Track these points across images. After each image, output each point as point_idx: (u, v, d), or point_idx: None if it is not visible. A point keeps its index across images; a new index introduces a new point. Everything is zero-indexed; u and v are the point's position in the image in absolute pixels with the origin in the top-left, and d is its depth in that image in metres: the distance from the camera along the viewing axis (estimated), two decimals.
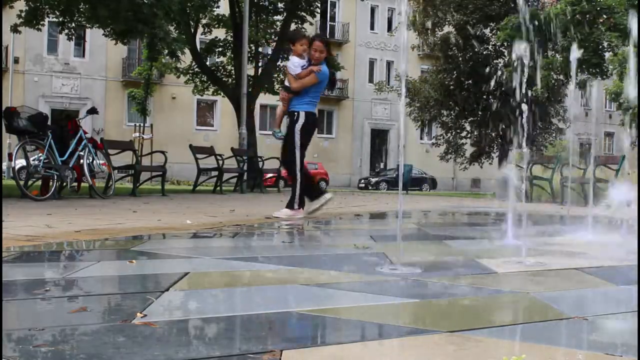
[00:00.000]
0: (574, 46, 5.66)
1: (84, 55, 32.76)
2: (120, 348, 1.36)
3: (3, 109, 7.69)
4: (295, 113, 5.78)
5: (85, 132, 8.77)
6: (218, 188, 12.24)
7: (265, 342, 1.44)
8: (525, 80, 3.31)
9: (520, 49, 3.24)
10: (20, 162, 10.35)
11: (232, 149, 13.64)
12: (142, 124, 24.23)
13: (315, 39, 5.80)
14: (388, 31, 38.95)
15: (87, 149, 8.61)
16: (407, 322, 1.76)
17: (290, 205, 5.79)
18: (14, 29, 14.13)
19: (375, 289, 2.18)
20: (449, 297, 2.09)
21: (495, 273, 2.60)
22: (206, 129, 34.97)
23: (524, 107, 3.46)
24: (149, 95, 25.68)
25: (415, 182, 32.85)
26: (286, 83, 5.99)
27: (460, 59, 24.31)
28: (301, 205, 5.80)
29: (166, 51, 12.90)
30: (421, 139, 38.65)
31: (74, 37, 14.99)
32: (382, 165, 39.72)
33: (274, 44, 20.90)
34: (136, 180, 10.17)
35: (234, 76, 19.98)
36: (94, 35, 18.70)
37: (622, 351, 1.44)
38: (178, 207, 7.05)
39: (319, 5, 21.58)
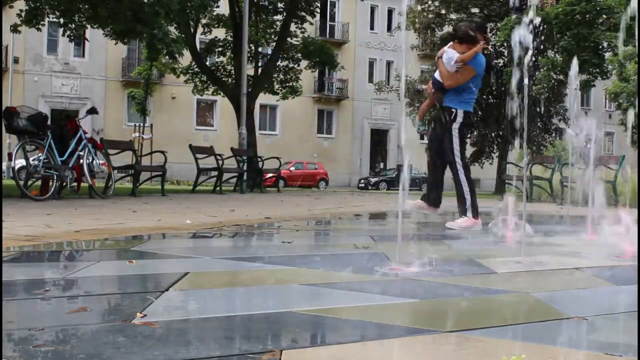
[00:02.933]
0: (574, 62, 5.55)
1: (83, 55, 32.75)
2: (120, 348, 1.36)
3: (3, 109, 7.68)
4: (453, 110, 5.06)
5: (85, 132, 8.77)
6: (218, 188, 12.23)
7: (265, 342, 1.44)
8: (525, 79, 3.30)
9: (520, 33, 3.19)
10: (20, 162, 10.36)
11: (232, 149, 13.63)
12: (142, 124, 24.22)
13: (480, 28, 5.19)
14: (388, 31, 38.94)
15: (87, 149, 8.60)
16: (407, 322, 1.76)
17: (464, 213, 5.02)
18: (14, 28, 14.12)
19: (375, 289, 2.18)
20: (449, 297, 2.09)
21: (495, 273, 2.60)
22: (206, 129, 34.96)
23: (524, 107, 3.46)
24: (148, 95, 25.67)
25: (415, 182, 32.85)
26: (437, 77, 5.20)
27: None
28: (476, 213, 5.00)
29: (165, 51, 12.87)
30: (421, 139, 38.62)
31: (74, 38, 14.99)
32: (381, 165, 39.71)
33: (274, 44, 20.91)
34: (136, 180, 10.16)
35: (233, 76, 19.97)
36: (94, 35, 18.67)
37: (622, 351, 1.44)
38: (178, 207, 7.05)
39: (319, 5, 21.58)
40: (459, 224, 4.92)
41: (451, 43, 5.15)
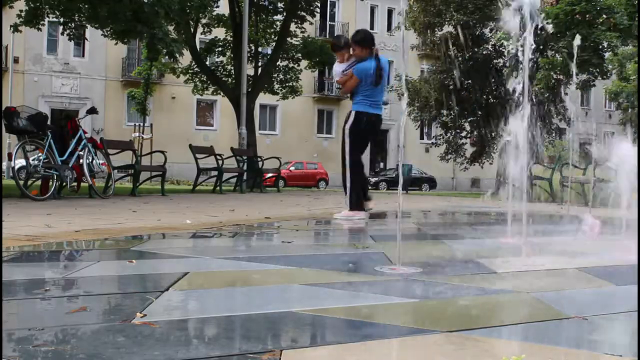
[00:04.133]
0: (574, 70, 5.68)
1: (83, 55, 32.75)
2: (120, 348, 1.36)
3: (3, 109, 7.68)
4: (349, 113, 5.82)
5: (85, 132, 8.77)
6: (218, 188, 12.23)
7: (265, 342, 1.44)
8: (525, 78, 3.30)
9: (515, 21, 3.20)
10: (20, 162, 10.35)
11: (231, 148, 13.63)
12: (141, 124, 24.23)
13: (348, 42, 5.90)
14: (388, 31, 38.93)
15: (86, 149, 8.61)
16: (407, 322, 1.76)
17: (350, 204, 5.71)
18: (15, 29, 14.12)
19: (375, 289, 2.18)
20: (448, 297, 2.09)
21: (495, 273, 2.60)
22: (206, 129, 34.96)
23: (524, 107, 3.46)
24: (148, 95, 25.68)
25: (415, 182, 32.85)
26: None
27: (460, 59, 24.30)
28: (357, 205, 5.67)
29: (165, 51, 12.87)
30: (421, 139, 38.65)
31: (74, 38, 14.98)
32: (381, 165, 39.70)
33: (274, 44, 20.91)
34: (136, 180, 10.17)
35: (233, 76, 19.98)
36: (94, 35, 18.66)
37: (622, 351, 1.44)
38: (178, 207, 7.05)
39: (319, 5, 21.58)
40: (343, 213, 5.63)
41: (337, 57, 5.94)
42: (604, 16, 19.92)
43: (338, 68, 5.89)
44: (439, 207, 9.11)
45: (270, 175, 15.97)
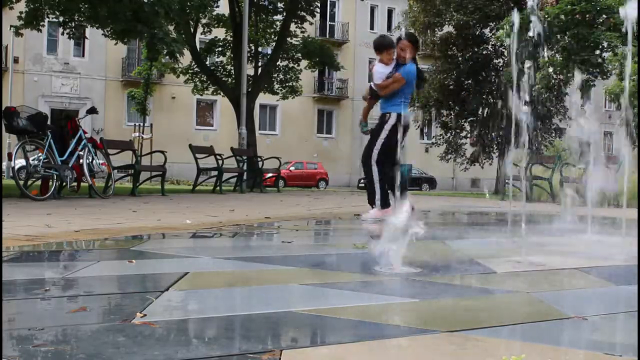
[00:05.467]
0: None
1: (83, 55, 32.75)
2: (120, 348, 1.36)
3: (3, 108, 7.68)
4: (387, 114, 5.59)
5: (85, 132, 8.77)
6: (218, 188, 12.23)
7: (265, 342, 1.44)
8: (525, 78, 3.30)
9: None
10: (19, 162, 10.36)
11: (231, 148, 13.63)
12: (141, 124, 24.22)
13: (402, 39, 5.65)
14: (388, 31, 38.91)
15: (86, 149, 8.61)
16: (407, 322, 1.76)
17: (372, 204, 5.55)
18: (16, 31, 14.10)
19: (375, 289, 2.18)
20: (448, 297, 2.09)
21: (495, 273, 2.60)
22: (206, 129, 34.97)
23: (525, 107, 3.46)
24: (148, 95, 25.67)
25: (415, 182, 32.84)
26: (372, 86, 5.78)
27: (460, 59, 24.30)
28: (385, 205, 5.45)
29: (165, 51, 12.87)
30: (421, 139, 38.66)
31: (74, 37, 14.97)
32: None
33: (274, 44, 20.91)
34: (136, 180, 10.17)
35: (233, 76, 19.98)
36: (94, 35, 18.67)
37: (622, 351, 1.44)
38: (178, 207, 7.05)
39: (319, 5, 21.59)
40: (370, 214, 5.41)
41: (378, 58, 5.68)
42: (604, 16, 19.91)
43: (383, 70, 5.59)
44: (440, 207, 9.11)
45: (270, 175, 15.97)
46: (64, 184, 8.27)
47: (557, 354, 1.42)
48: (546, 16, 18.81)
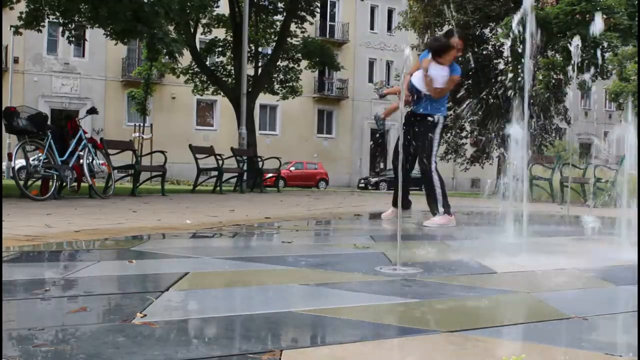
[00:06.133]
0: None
1: (83, 55, 32.74)
2: (120, 348, 1.36)
3: (3, 108, 7.68)
4: (433, 116, 5.34)
5: (85, 132, 8.77)
6: (218, 188, 12.23)
7: (265, 342, 1.44)
8: (525, 78, 3.30)
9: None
10: (20, 162, 10.34)
11: (232, 148, 13.63)
12: (142, 124, 24.22)
13: (452, 36, 5.48)
14: (388, 31, 38.93)
15: (86, 149, 8.60)
16: (407, 322, 1.76)
17: (438, 212, 5.27)
18: (16, 31, 14.11)
19: (375, 289, 2.18)
20: (448, 297, 2.09)
21: (495, 273, 2.60)
22: (206, 129, 34.95)
23: (525, 108, 3.46)
24: (148, 95, 25.68)
25: (415, 182, 32.79)
26: (416, 85, 5.40)
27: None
28: (448, 210, 5.26)
29: (165, 51, 12.87)
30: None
31: (74, 41, 14.98)
32: (382, 165, 39.69)
33: (274, 44, 20.91)
34: (136, 180, 10.17)
35: (233, 76, 19.98)
36: (94, 35, 18.67)
37: (622, 351, 1.44)
38: (178, 207, 7.05)
39: (319, 5, 21.59)
40: (435, 221, 5.17)
41: (431, 59, 5.36)
42: (604, 16, 19.90)
43: (443, 72, 5.30)
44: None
45: (270, 175, 15.97)
46: (64, 184, 8.27)
47: (557, 354, 1.42)
48: (546, 16, 18.82)
